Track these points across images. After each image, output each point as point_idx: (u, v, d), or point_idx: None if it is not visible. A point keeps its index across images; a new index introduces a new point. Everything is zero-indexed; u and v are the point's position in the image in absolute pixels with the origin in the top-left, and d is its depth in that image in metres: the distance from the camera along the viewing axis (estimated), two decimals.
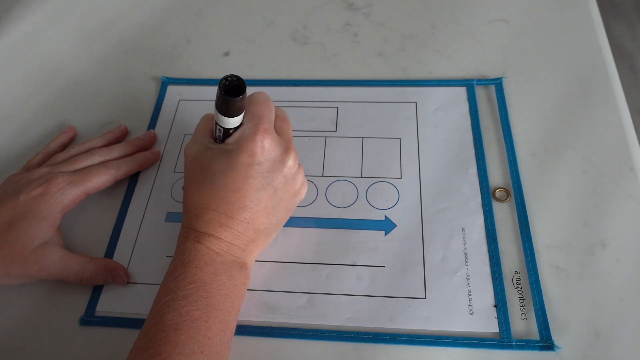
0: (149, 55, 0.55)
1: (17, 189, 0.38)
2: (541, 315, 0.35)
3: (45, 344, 0.37)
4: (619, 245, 0.38)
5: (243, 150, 0.34)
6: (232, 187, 0.34)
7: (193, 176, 0.35)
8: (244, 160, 0.34)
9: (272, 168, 0.35)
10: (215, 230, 0.34)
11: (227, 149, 0.35)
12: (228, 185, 0.34)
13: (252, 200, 0.34)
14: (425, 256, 0.38)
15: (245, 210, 0.34)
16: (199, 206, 0.34)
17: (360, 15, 0.56)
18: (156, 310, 0.31)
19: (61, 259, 0.38)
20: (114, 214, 0.43)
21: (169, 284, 0.32)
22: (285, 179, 0.36)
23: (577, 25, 0.51)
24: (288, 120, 0.38)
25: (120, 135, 0.47)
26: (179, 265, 0.33)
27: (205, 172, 0.34)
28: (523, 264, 0.37)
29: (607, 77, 0.47)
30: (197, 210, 0.34)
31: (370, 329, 0.36)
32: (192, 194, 0.35)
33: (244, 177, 0.34)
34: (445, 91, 0.47)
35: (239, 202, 0.34)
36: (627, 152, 0.42)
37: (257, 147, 0.34)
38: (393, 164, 0.43)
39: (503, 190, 0.41)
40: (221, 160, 0.34)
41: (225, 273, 0.34)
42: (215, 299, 0.32)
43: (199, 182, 0.35)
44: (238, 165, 0.34)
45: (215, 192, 0.34)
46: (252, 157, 0.34)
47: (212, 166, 0.34)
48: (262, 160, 0.34)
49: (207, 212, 0.34)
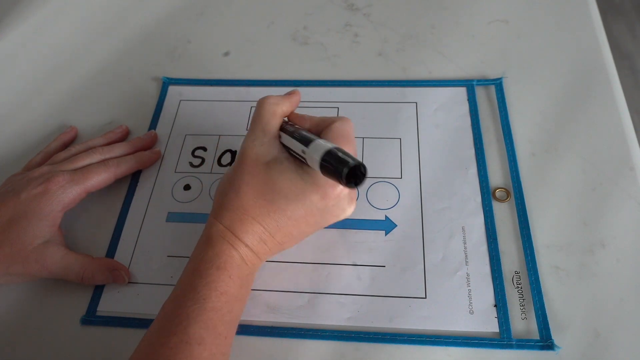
0: (150, 55, 0.55)
1: (18, 188, 0.38)
2: (541, 315, 0.35)
3: (47, 343, 0.37)
4: (619, 245, 0.38)
5: (318, 191, 0.32)
6: (289, 215, 0.33)
7: (253, 179, 0.33)
8: (314, 200, 0.32)
9: (333, 213, 0.34)
10: (253, 243, 0.33)
11: (302, 178, 0.33)
12: (287, 212, 0.33)
13: (300, 232, 0.34)
14: (426, 256, 0.38)
15: (287, 236, 0.34)
16: (248, 213, 0.33)
17: (361, 15, 0.56)
18: (181, 315, 0.30)
19: (62, 258, 0.38)
20: (115, 213, 0.43)
21: (200, 288, 0.31)
22: (331, 219, 0.35)
23: (577, 25, 0.51)
24: None
25: (122, 135, 0.47)
26: (212, 267, 0.32)
27: (269, 185, 0.33)
28: (523, 263, 0.37)
29: (607, 77, 0.47)
30: (243, 216, 0.33)
31: (371, 329, 0.36)
32: (245, 197, 0.33)
33: (306, 212, 0.33)
34: (446, 91, 0.47)
35: (287, 229, 0.33)
36: (627, 152, 0.42)
37: (334, 193, 0.32)
38: (393, 164, 0.43)
39: (503, 190, 0.41)
40: (292, 186, 0.32)
41: (247, 285, 0.34)
42: (236, 313, 0.32)
43: (258, 190, 0.33)
44: (307, 201, 0.33)
45: (272, 211, 0.33)
46: (324, 200, 0.33)
47: (280, 185, 0.33)
48: (330, 205, 0.33)
49: (254, 224, 0.33)
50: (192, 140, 0.47)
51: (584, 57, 0.48)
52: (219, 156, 0.45)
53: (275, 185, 0.33)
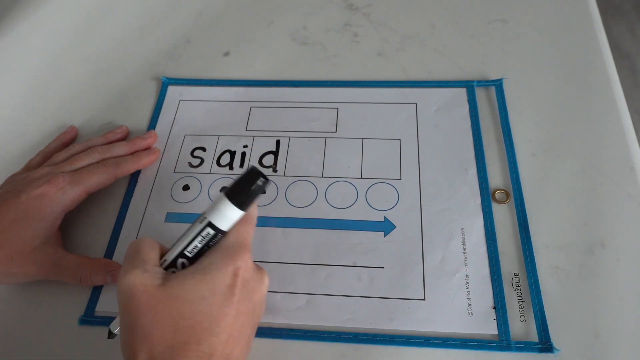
0: (149, 55, 0.55)
1: (19, 189, 0.38)
2: (540, 318, 0.35)
3: (45, 344, 0.37)
4: (619, 245, 0.38)
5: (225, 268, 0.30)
6: (216, 315, 0.29)
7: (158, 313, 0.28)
8: (227, 281, 0.29)
9: (254, 288, 0.31)
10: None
11: (203, 267, 0.30)
12: (212, 313, 0.29)
13: (237, 329, 0.30)
14: (425, 257, 0.38)
15: (228, 342, 0.29)
16: (174, 348, 0.28)
17: (360, 15, 0.56)
18: None
19: (60, 259, 0.38)
20: (113, 214, 0.43)
21: None
22: (261, 300, 0.32)
23: (577, 25, 0.51)
24: None
25: (122, 135, 0.47)
26: None
27: (177, 302, 0.28)
28: (522, 265, 0.37)
29: (607, 77, 0.47)
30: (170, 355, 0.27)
31: (370, 330, 0.36)
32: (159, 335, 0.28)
33: (229, 301, 0.29)
34: (445, 92, 0.47)
35: (224, 332, 0.29)
36: (627, 152, 0.42)
37: (241, 264, 0.30)
38: (393, 165, 0.43)
39: (503, 192, 0.41)
40: (202, 285, 0.29)
41: None
42: None
43: (170, 317, 0.28)
44: (222, 287, 0.29)
45: (197, 323, 0.28)
46: (235, 276, 0.30)
47: (186, 293, 0.28)
48: (246, 278, 0.30)
49: (186, 351, 0.27)
50: (192, 140, 0.47)
51: (584, 57, 0.48)
52: (218, 156, 0.45)
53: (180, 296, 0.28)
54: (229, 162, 0.45)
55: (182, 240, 0.32)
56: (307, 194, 0.42)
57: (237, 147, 0.46)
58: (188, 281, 0.29)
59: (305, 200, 0.42)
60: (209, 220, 0.31)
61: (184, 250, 0.31)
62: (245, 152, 0.45)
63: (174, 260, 0.32)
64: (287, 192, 0.43)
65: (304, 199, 0.42)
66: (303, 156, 0.44)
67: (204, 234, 0.31)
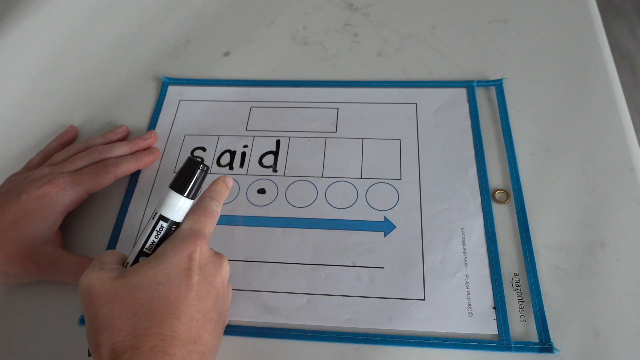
0: (149, 55, 0.55)
1: (19, 189, 0.38)
2: (540, 318, 0.35)
3: (45, 344, 0.37)
4: (619, 245, 0.38)
5: (180, 254, 0.30)
6: (174, 298, 0.29)
7: (117, 303, 0.29)
8: (183, 265, 0.30)
9: (213, 271, 0.32)
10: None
11: (157, 255, 0.31)
12: (170, 296, 0.29)
13: (199, 311, 0.30)
14: (425, 257, 0.38)
15: (192, 325, 0.29)
16: (135, 334, 0.28)
17: (360, 15, 0.56)
18: None
19: (60, 259, 0.38)
20: (114, 214, 0.43)
21: None
22: (223, 285, 0.33)
23: (577, 25, 0.51)
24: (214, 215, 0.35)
25: (122, 135, 0.47)
26: None
27: (133, 290, 0.29)
28: (522, 265, 0.37)
29: (607, 77, 0.47)
30: (132, 342, 0.27)
31: (370, 330, 0.36)
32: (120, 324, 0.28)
33: (186, 284, 0.30)
34: (446, 92, 0.47)
35: (185, 314, 0.29)
36: (626, 152, 0.42)
37: (195, 248, 0.31)
38: (393, 165, 0.43)
39: (503, 192, 0.41)
40: (156, 270, 0.30)
41: None
42: None
43: (129, 305, 0.28)
44: (178, 271, 0.30)
45: (156, 307, 0.28)
46: (191, 260, 0.30)
47: (142, 280, 0.29)
48: (202, 262, 0.31)
49: (147, 336, 0.28)
50: (192, 140, 0.47)
51: (584, 57, 0.48)
52: (218, 156, 0.45)
53: (141, 284, 0.29)
54: (229, 162, 0.45)
55: (140, 239, 0.33)
56: (307, 194, 0.42)
57: (237, 147, 0.46)
58: (143, 269, 0.30)
59: (305, 200, 0.42)
60: (159, 214, 0.33)
61: (142, 248, 0.33)
62: (245, 152, 0.45)
63: (135, 259, 0.33)
64: (287, 192, 0.43)
65: (304, 199, 0.42)
66: (303, 156, 0.44)
67: (157, 227, 0.33)
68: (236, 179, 0.44)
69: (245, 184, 0.43)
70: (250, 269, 0.39)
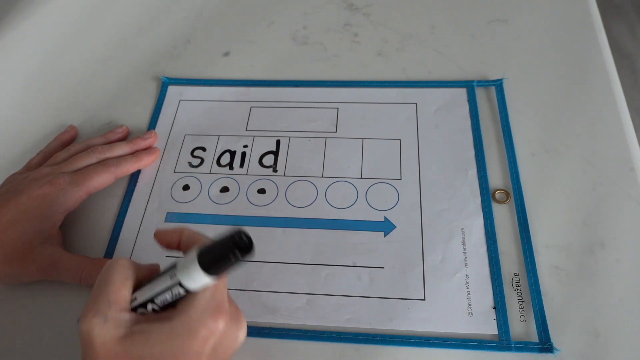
0: (149, 55, 0.55)
1: (19, 189, 0.38)
2: (540, 318, 0.35)
3: (45, 344, 0.37)
4: (619, 245, 0.38)
5: (195, 334, 0.27)
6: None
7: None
8: (196, 348, 0.27)
9: (225, 350, 0.29)
10: None
11: (172, 327, 0.27)
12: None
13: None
14: (425, 257, 0.38)
15: None
16: None
17: (360, 15, 0.56)
18: None
19: (60, 259, 0.38)
20: (113, 214, 0.43)
21: None
22: (232, 353, 0.30)
23: (577, 25, 0.51)
24: None
25: (122, 135, 0.47)
26: None
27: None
28: (522, 265, 0.37)
29: (607, 77, 0.47)
30: None
31: (370, 330, 0.36)
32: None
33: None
34: (446, 92, 0.47)
35: None
36: (627, 152, 0.42)
37: (214, 330, 0.27)
38: (393, 165, 0.43)
39: (503, 192, 0.41)
40: (165, 346, 0.27)
41: None
42: None
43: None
44: (188, 352, 0.27)
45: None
46: (205, 343, 0.27)
47: (147, 351, 0.26)
48: (216, 344, 0.28)
49: None
50: (192, 140, 0.47)
51: (584, 57, 0.48)
52: (218, 156, 0.45)
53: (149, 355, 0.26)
54: (229, 162, 0.45)
55: (154, 285, 0.29)
56: (307, 194, 0.42)
57: (237, 147, 0.46)
58: (150, 341, 0.27)
59: (305, 200, 0.42)
60: (179, 280, 0.28)
61: (154, 298, 0.29)
62: (246, 152, 0.45)
63: (145, 302, 0.29)
64: (287, 192, 0.43)
65: (304, 199, 0.42)
66: (303, 156, 0.44)
67: (174, 291, 0.28)
68: (236, 179, 0.44)
69: (246, 184, 0.43)
70: (250, 269, 0.39)
